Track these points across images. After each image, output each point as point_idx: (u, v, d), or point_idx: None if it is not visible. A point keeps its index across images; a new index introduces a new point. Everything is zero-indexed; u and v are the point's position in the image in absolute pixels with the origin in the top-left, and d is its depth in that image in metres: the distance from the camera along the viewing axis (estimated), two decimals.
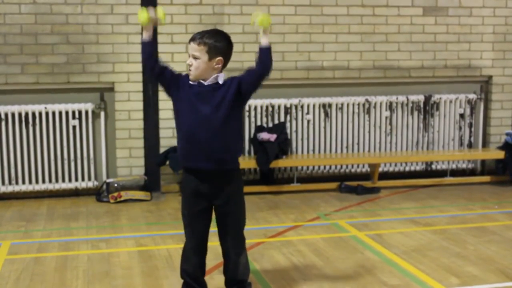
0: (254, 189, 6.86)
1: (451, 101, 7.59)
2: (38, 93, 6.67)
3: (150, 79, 6.49)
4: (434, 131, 7.59)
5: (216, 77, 3.64)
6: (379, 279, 4.36)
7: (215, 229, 3.82)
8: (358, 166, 7.40)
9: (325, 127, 7.30)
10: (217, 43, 3.60)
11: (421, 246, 5.08)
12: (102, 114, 6.79)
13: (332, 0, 7.17)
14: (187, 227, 3.79)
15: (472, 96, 7.65)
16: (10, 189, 6.63)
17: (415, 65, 7.48)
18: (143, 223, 5.91)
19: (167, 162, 6.73)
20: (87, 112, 6.71)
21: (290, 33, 7.11)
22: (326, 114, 7.28)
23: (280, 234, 5.44)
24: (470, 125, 7.70)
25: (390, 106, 7.43)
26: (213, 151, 3.61)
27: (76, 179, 6.78)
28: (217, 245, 3.89)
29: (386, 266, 4.63)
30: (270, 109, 7.14)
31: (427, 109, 7.53)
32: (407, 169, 7.55)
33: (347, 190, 6.99)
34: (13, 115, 6.57)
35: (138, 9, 3.75)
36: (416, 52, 7.46)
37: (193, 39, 3.63)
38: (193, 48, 3.61)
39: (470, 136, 7.72)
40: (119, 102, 6.80)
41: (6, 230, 5.66)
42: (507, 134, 7.39)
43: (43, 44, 6.59)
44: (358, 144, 7.40)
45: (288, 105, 7.17)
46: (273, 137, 6.87)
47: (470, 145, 7.72)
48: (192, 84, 3.65)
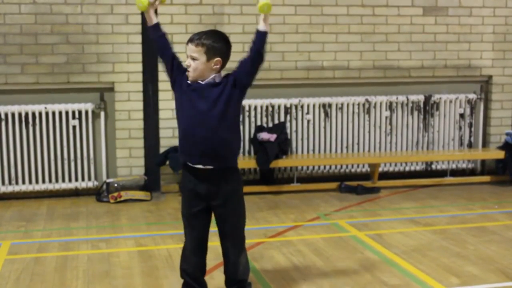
0: (254, 189, 6.86)
1: (451, 101, 7.59)
2: (38, 93, 6.67)
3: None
4: (434, 131, 7.59)
5: (214, 77, 3.63)
6: (379, 279, 4.36)
7: (215, 229, 3.82)
8: (358, 166, 7.39)
9: (325, 127, 7.30)
10: (215, 44, 3.59)
11: (421, 246, 5.08)
12: (102, 114, 6.79)
13: (332, 0, 7.17)
14: (187, 228, 3.80)
15: (472, 96, 7.64)
16: (10, 189, 6.63)
17: (415, 65, 7.48)
18: (143, 223, 5.91)
19: (167, 162, 6.73)
20: (87, 112, 6.71)
21: (290, 33, 7.11)
22: (326, 114, 7.28)
23: (280, 234, 5.44)
24: (470, 125, 7.70)
25: (390, 106, 7.43)
26: (210, 147, 3.60)
27: (76, 179, 6.78)
28: (217, 245, 3.89)
29: (386, 266, 4.63)
30: (270, 109, 7.14)
31: (427, 109, 7.53)
32: (407, 169, 7.55)
33: (347, 190, 6.99)
34: (13, 115, 6.57)
35: (138, 9, 3.73)
36: (416, 52, 7.46)
37: (191, 40, 3.63)
38: (191, 49, 3.61)
39: (470, 136, 7.72)
40: (119, 102, 6.80)
41: (6, 230, 5.66)
42: (507, 134, 7.39)
43: (43, 44, 6.58)
44: (358, 144, 7.40)
45: (288, 105, 7.17)
46: (273, 137, 6.87)
47: (470, 145, 7.72)
48: (190, 83, 3.66)
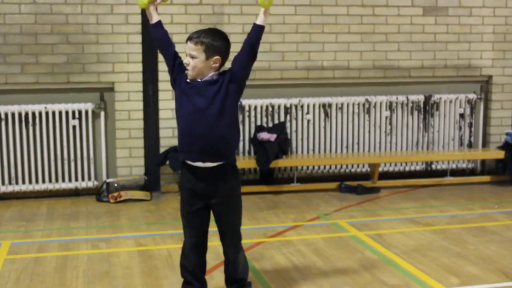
0: (254, 189, 6.86)
1: (451, 101, 7.59)
2: (38, 93, 6.67)
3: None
4: (434, 131, 7.59)
5: (211, 75, 3.64)
6: (379, 279, 4.36)
7: (215, 229, 3.82)
8: (358, 166, 7.39)
9: (325, 127, 7.30)
10: (215, 42, 3.60)
11: (421, 246, 5.08)
12: (102, 114, 6.79)
13: (332, 0, 7.17)
14: (186, 227, 3.80)
15: (472, 96, 7.64)
16: (10, 189, 6.63)
17: (415, 65, 7.48)
18: (143, 223, 5.91)
19: (167, 162, 6.73)
20: (87, 112, 6.71)
21: (290, 33, 7.11)
22: (326, 114, 7.28)
23: (280, 234, 5.44)
24: (470, 125, 7.70)
25: (390, 106, 7.43)
26: (209, 144, 3.60)
27: (76, 179, 6.78)
28: (217, 245, 3.90)
29: (386, 266, 4.63)
30: (270, 109, 7.14)
31: (427, 109, 7.53)
32: (407, 169, 7.55)
33: (347, 190, 6.99)
34: (13, 115, 6.57)
35: (138, 9, 3.74)
36: (416, 52, 7.46)
37: (190, 38, 3.63)
38: (190, 47, 3.61)
39: (470, 136, 7.71)
40: (119, 102, 6.80)
41: (6, 230, 5.66)
42: (507, 134, 7.39)
43: (43, 44, 6.58)
44: (358, 144, 7.39)
45: (288, 105, 7.17)
46: (273, 137, 6.86)
47: (470, 145, 7.72)
48: (189, 82, 3.66)
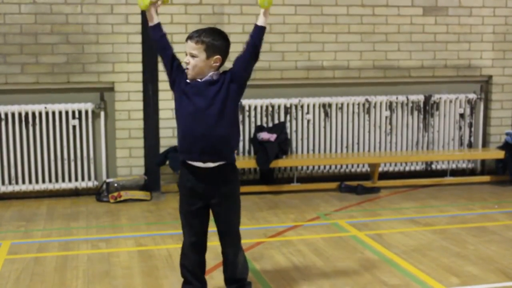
0: (254, 189, 6.86)
1: (451, 101, 7.59)
2: (38, 93, 6.67)
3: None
4: (434, 131, 7.59)
5: (211, 74, 3.64)
6: (379, 279, 4.36)
7: (215, 229, 3.82)
8: (358, 166, 7.39)
9: (325, 127, 7.30)
10: (215, 42, 3.60)
11: (421, 246, 5.07)
12: (102, 114, 6.79)
13: (332, 0, 7.17)
14: (185, 226, 3.81)
15: (472, 96, 7.64)
16: (10, 189, 6.63)
17: (415, 65, 7.48)
18: (143, 223, 5.91)
19: (167, 162, 6.73)
20: (87, 112, 6.70)
21: (290, 33, 7.11)
22: (326, 114, 7.28)
23: (280, 234, 5.44)
24: (470, 125, 7.70)
25: (390, 106, 7.43)
26: (209, 145, 3.60)
27: (76, 179, 6.78)
28: (217, 245, 3.89)
29: (386, 266, 4.63)
30: (270, 109, 7.14)
31: (427, 109, 7.53)
32: (407, 169, 7.55)
33: (347, 190, 6.99)
34: (13, 115, 6.57)
35: (138, 9, 3.74)
36: (416, 52, 7.46)
37: (190, 37, 3.62)
38: (190, 46, 3.60)
39: (470, 136, 7.71)
40: (119, 102, 6.80)
41: (6, 230, 5.66)
42: (507, 134, 7.39)
43: (43, 44, 6.58)
44: (358, 144, 7.39)
45: (288, 105, 7.17)
46: (273, 137, 6.86)
47: (470, 145, 7.72)
48: (189, 82, 3.66)
